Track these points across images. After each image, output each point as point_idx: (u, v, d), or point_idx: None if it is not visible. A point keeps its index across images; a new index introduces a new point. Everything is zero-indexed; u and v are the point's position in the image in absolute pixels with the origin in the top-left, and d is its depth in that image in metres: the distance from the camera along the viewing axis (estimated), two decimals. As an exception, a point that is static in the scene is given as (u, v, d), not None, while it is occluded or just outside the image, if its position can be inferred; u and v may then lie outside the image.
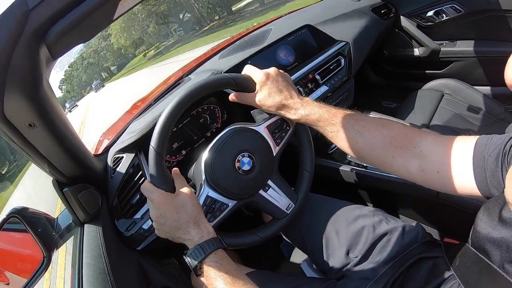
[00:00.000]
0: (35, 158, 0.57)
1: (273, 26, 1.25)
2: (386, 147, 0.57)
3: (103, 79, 51.13)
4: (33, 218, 0.64)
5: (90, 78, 53.60)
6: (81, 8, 0.40)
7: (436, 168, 0.51)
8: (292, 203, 0.72)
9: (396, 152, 0.56)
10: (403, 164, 0.55)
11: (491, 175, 0.44)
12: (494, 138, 0.46)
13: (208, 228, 0.57)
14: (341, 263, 0.71)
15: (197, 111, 0.97)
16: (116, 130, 0.95)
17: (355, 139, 0.60)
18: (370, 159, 0.60)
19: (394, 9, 1.41)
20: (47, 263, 0.63)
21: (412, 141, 0.54)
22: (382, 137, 0.57)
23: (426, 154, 0.52)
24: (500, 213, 0.42)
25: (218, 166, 0.65)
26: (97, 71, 52.37)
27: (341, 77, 1.10)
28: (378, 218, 0.72)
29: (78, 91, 55.49)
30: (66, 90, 56.78)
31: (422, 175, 0.53)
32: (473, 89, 1.19)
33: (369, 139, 0.58)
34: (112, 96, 17.88)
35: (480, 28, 1.24)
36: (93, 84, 48.44)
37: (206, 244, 0.54)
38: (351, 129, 0.60)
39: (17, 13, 0.36)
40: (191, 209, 0.57)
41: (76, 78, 54.79)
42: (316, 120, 0.63)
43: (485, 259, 0.44)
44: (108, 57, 48.53)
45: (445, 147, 0.50)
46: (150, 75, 16.01)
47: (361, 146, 0.59)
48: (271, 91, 0.65)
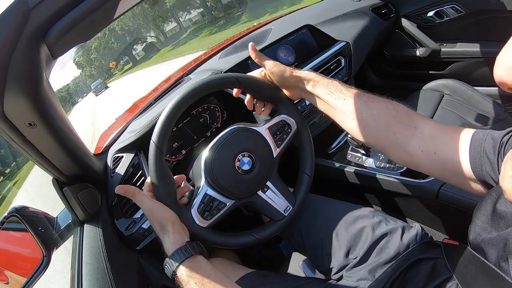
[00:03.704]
0: (35, 157, 0.57)
1: (273, 26, 1.25)
2: (388, 120, 0.57)
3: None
4: (33, 217, 0.64)
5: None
6: (81, 7, 0.40)
7: (434, 150, 0.51)
8: (290, 206, 0.72)
9: (397, 128, 0.56)
10: (403, 142, 0.55)
11: (487, 163, 0.45)
12: (492, 131, 0.47)
13: (175, 237, 0.56)
14: (340, 264, 0.71)
15: (197, 110, 0.97)
16: (116, 130, 0.95)
17: (360, 109, 0.59)
18: (372, 132, 0.59)
19: (395, 10, 1.41)
20: (47, 262, 0.63)
21: (414, 122, 0.55)
22: (387, 110, 0.57)
23: (426, 136, 0.53)
24: (494, 207, 0.42)
25: (218, 165, 0.65)
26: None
27: (341, 77, 1.11)
28: (377, 219, 0.72)
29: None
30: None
31: (421, 156, 0.53)
32: (473, 89, 1.19)
33: (374, 110, 0.58)
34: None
35: (480, 28, 1.24)
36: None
37: (172, 258, 0.53)
38: (357, 98, 0.60)
39: (17, 13, 0.36)
40: (157, 216, 0.57)
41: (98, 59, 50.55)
42: (327, 83, 0.63)
43: (481, 258, 0.44)
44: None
45: (445, 133, 0.51)
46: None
47: (365, 117, 0.59)
48: (277, 63, 0.67)
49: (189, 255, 0.54)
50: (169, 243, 0.55)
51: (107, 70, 49.58)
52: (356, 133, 0.61)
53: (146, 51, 42.08)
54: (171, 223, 0.57)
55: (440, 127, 0.53)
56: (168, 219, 0.57)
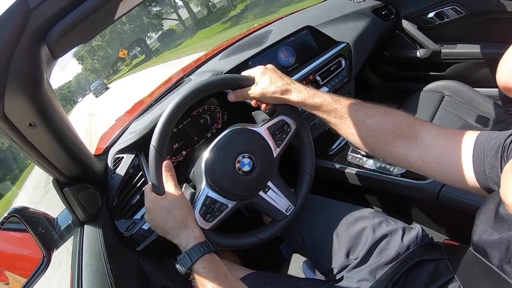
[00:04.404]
0: (35, 158, 0.57)
1: (273, 27, 1.25)
2: (388, 135, 0.56)
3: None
4: (33, 218, 0.64)
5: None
6: (82, 7, 0.40)
7: (436, 159, 0.51)
8: (292, 205, 0.72)
9: (398, 141, 0.56)
10: (404, 153, 0.55)
11: (490, 168, 0.45)
12: (495, 133, 0.46)
13: (196, 233, 0.56)
14: (341, 265, 0.70)
15: (197, 111, 0.97)
16: (117, 131, 0.95)
17: (357, 126, 0.59)
18: (372, 146, 0.60)
19: (395, 11, 1.41)
20: (47, 262, 0.63)
21: (415, 131, 0.54)
22: (385, 125, 0.57)
23: (427, 145, 0.53)
24: (497, 210, 0.42)
25: (219, 167, 0.65)
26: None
27: (342, 79, 1.11)
28: (378, 219, 0.72)
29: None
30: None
31: (422, 165, 0.53)
32: (473, 90, 1.19)
33: (372, 126, 0.58)
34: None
35: (480, 29, 1.24)
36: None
37: (192, 251, 0.53)
38: (353, 116, 0.59)
39: (18, 13, 0.36)
40: (178, 213, 0.57)
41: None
42: (319, 104, 0.62)
43: (484, 260, 0.44)
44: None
45: (446, 139, 0.51)
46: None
47: (363, 133, 0.59)
48: (272, 78, 0.65)
49: (210, 250, 0.55)
50: (192, 236, 0.55)
51: (114, 62, 41.62)
52: (358, 145, 0.62)
53: (163, 41, 34.44)
54: (191, 218, 0.58)
55: (441, 132, 0.52)
56: (190, 214, 0.59)
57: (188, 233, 0.56)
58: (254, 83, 0.67)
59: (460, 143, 0.49)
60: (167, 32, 34.51)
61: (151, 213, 0.58)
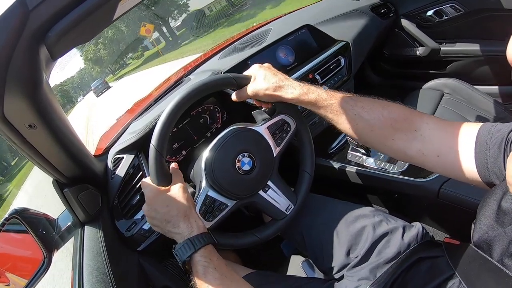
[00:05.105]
0: (35, 159, 0.57)
1: (272, 26, 1.25)
2: (386, 129, 0.56)
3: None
4: (34, 219, 0.64)
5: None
6: (81, 8, 0.40)
7: (436, 152, 0.51)
8: (292, 204, 0.72)
9: (396, 135, 0.55)
10: (403, 147, 0.55)
11: (492, 162, 0.44)
12: (498, 125, 0.46)
13: (199, 223, 0.57)
14: (341, 263, 0.71)
15: (197, 111, 0.97)
16: (116, 131, 0.95)
17: (355, 121, 0.59)
18: (370, 140, 0.60)
19: (394, 9, 1.41)
20: (48, 264, 0.63)
21: (413, 124, 0.54)
22: (383, 119, 0.56)
23: (426, 138, 0.52)
24: (499, 204, 0.42)
25: (218, 166, 0.65)
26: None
27: (341, 77, 1.11)
28: (378, 218, 0.72)
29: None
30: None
31: (423, 159, 0.53)
32: (473, 88, 1.19)
33: (369, 121, 0.57)
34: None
35: (480, 27, 1.24)
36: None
37: (196, 239, 0.53)
38: (350, 110, 0.59)
39: (17, 14, 0.36)
40: (181, 202, 0.57)
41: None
42: (314, 100, 0.61)
43: (485, 255, 0.44)
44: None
45: (447, 132, 0.50)
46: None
47: (361, 128, 0.59)
48: (265, 75, 0.65)
49: (213, 241, 0.55)
50: (196, 226, 0.55)
51: (132, 45, 34.91)
52: (356, 139, 0.62)
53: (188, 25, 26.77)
54: (195, 211, 0.59)
55: (441, 125, 0.52)
56: (194, 207, 0.59)
57: (192, 223, 0.56)
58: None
59: (461, 136, 0.48)
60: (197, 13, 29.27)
61: (152, 203, 0.57)
